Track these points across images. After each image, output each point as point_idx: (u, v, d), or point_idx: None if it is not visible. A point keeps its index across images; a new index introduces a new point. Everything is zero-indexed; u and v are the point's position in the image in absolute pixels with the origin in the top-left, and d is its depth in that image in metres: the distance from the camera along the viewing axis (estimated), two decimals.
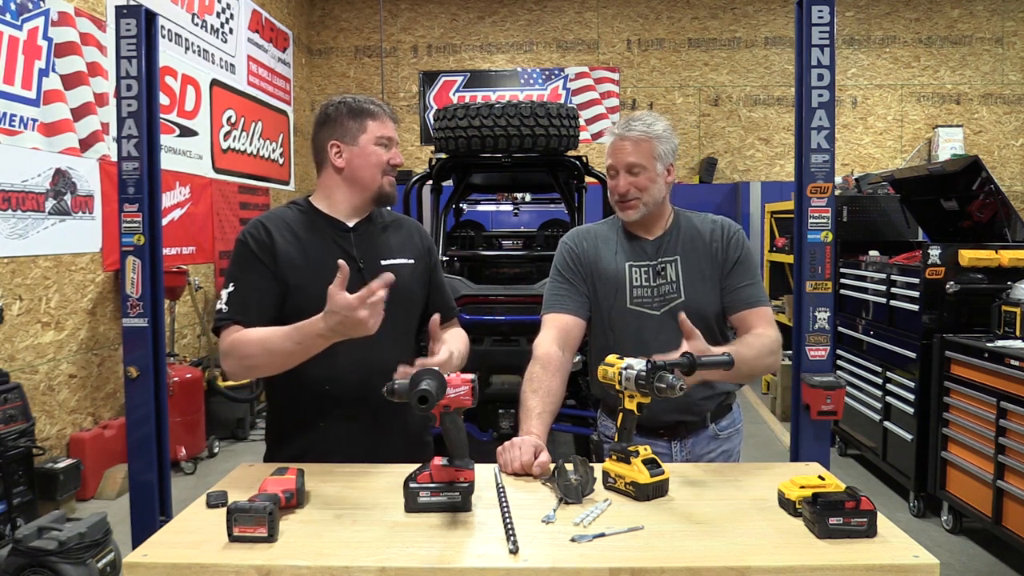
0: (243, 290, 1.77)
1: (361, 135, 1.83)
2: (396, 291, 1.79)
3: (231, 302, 1.76)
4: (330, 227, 1.85)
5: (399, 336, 1.84)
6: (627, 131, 1.86)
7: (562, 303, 1.94)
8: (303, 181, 8.64)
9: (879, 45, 8.75)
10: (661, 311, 1.88)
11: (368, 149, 1.83)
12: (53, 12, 4.29)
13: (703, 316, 1.87)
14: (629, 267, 1.91)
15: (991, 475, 3.30)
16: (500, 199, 6.18)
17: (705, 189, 8.53)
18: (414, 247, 1.93)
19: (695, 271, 1.90)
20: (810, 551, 1.24)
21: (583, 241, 1.99)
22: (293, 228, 1.83)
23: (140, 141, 2.87)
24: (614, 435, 1.93)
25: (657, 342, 1.82)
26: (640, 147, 1.84)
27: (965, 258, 3.75)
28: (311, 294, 1.76)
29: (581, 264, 1.96)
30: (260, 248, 1.79)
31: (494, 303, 3.55)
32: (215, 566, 1.21)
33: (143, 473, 2.90)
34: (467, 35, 8.99)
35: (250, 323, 1.73)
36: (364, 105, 1.85)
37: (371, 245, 1.86)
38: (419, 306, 1.93)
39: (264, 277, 1.77)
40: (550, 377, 1.81)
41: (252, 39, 7.18)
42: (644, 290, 1.89)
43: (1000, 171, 8.59)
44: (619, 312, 1.89)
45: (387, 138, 1.84)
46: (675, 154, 1.91)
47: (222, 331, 1.76)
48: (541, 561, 1.21)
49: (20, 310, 4.05)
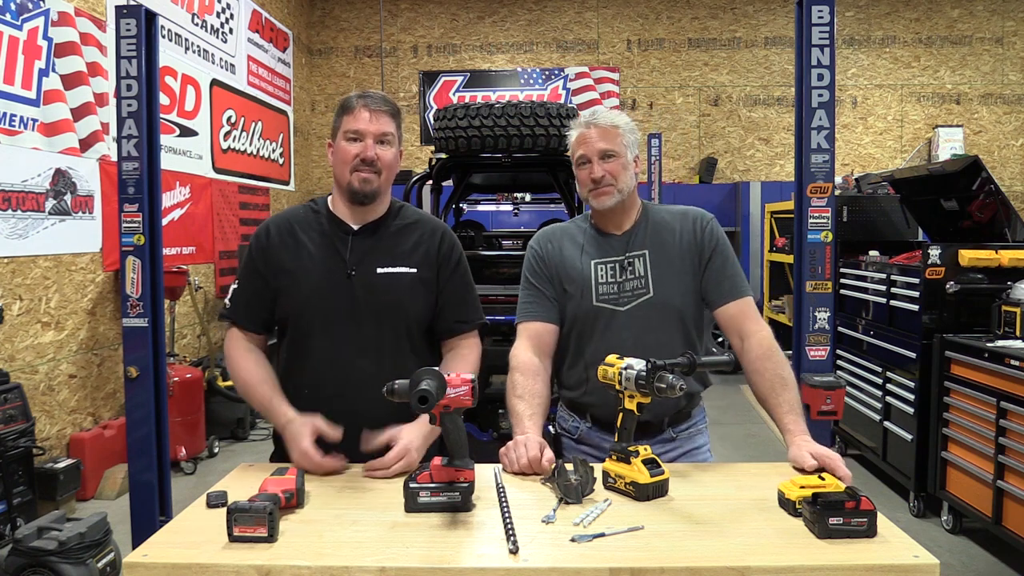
0: (242, 292, 1.87)
1: (338, 132, 1.80)
2: (386, 301, 1.79)
3: (233, 301, 1.87)
4: (335, 229, 1.83)
5: (389, 346, 1.79)
6: (595, 120, 1.86)
7: (532, 311, 1.93)
8: (303, 181, 8.64)
9: (879, 45, 8.75)
10: (627, 307, 1.86)
11: (339, 145, 1.79)
12: (53, 12, 4.28)
13: (672, 309, 1.86)
14: (594, 264, 1.89)
15: (991, 475, 3.30)
16: (500, 199, 6.18)
17: (705, 189, 8.53)
18: (423, 254, 1.84)
19: (665, 265, 1.87)
20: (810, 551, 1.24)
21: (547, 243, 1.97)
22: (296, 231, 1.83)
23: (140, 141, 2.88)
24: (574, 429, 1.95)
25: (623, 338, 1.81)
26: (610, 134, 1.84)
27: (965, 258, 3.75)
28: (292, 299, 1.80)
29: (547, 267, 1.94)
30: (258, 252, 1.84)
31: (494, 303, 3.55)
32: (215, 566, 1.21)
33: (143, 473, 2.90)
34: (467, 35, 8.99)
35: (244, 326, 1.86)
36: (347, 100, 1.80)
37: (371, 251, 1.81)
38: (419, 316, 1.85)
39: (257, 283, 1.84)
40: (532, 382, 1.81)
41: (252, 39, 7.18)
42: (610, 286, 1.87)
43: (1000, 171, 8.59)
44: (585, 310, 1.88)
45: (355, 131, 1.76)
46: (637, 148, 1.90)
47: (227, 327, 1.89)
48: (541, 561, 1.21)
49: (20, 310, 4.05)
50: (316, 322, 1.78)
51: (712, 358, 1.58)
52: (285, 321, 1.83)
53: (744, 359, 1.82)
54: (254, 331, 1.86)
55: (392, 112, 1.81)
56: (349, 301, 1.77)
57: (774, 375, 1.75)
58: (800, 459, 1.57)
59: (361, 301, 1.78)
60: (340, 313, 1.77)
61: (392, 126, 1.80)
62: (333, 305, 1.77)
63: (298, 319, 1.80)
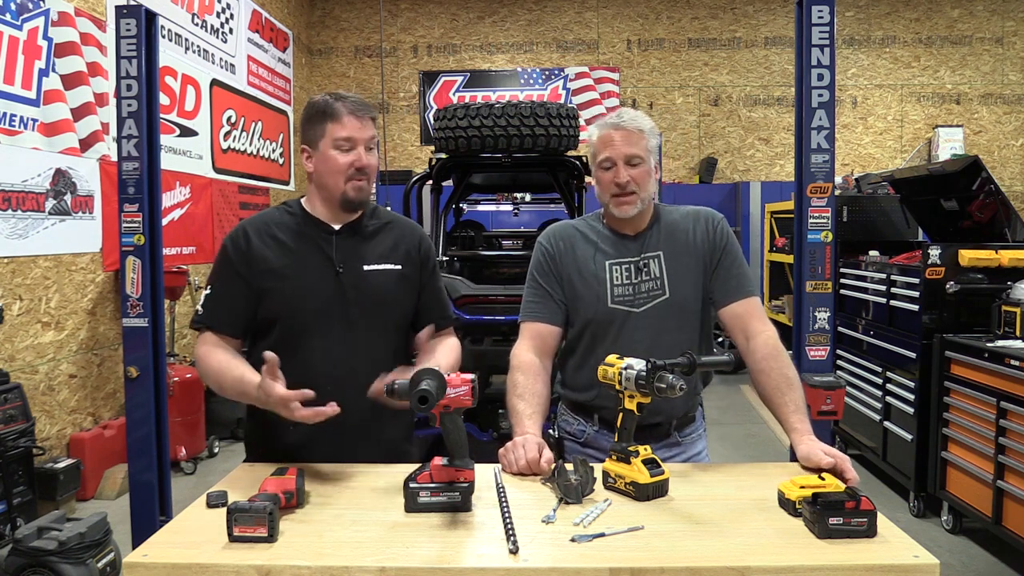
0: (217, 297, 1.81)
1: (321, 140, 1.75)
2: (375, 298, 1.80)
3: (206, 306, 1.82)
4: (315, 230, 1.82)
5: (376, 344, 1.80)
6: (622, 122, 1.81)
7: (537, 311, 1.92)
8: (303, 181, 8.58)
9: (879, 45, 8.75)
10: (643, 308, 1.85)
11: (327, 154, 1.74)
12: (53, 12, 4.29)
13: (687, 310, 1.86)
14: (610, 265, 1.88)
15: (991, 475, 3.30)
16: (500, 199, 6.18)
17: (705, 189, 8.53)
18: (404, 252, 1.87)
19: (679, 265, 1.87)
20: (810, 551, 1.24)
21: (559, 241, 1.94)
22: (276, 232, 1.81)
23: (140, 141, 2.88)
24: (580, 432, 1.95)
25: (637, 339, 1.81)
26: (636, 139, 1.81)
27: (965, 258, 3.75)
28: (283, 299, 1.78)
29: (556, 265, 1.91)
30: (237, 255, 1.79)
31: (494, 303, 3.55)
32: (215, 566, 1.21)
33: (143, 473, 2.90)
34: (467, 35, 8.99)
35: (221, 331, 1.79)
36: (326, 105, 1.75)
37: (355, 249, 1.82)
38: (404, 313, 1.88)
39: (237, 285, 1.79)
40: (532, 381, 1.81)
41: (252, 39, 7.18)
42: (625, 288, 1.86)
43: (1000, 171, 8.59)
44: (600, 312, 1.86)
45: (346, 139, 1.73)
46: (659, 153, 1.89)
47: (199, 333, 1.82)
48: (541, 561, 1.21)
49: (20, 310, 4.05)
50: (309, 320, 1.77)
51: (712, 358, 1.58)
52: (272, 321, 1.79)
53: (749, 358, 1.81)
54: (231, 335, 1.80)
55: (373, 115, 1.81)
56: (340, 299, 1.78)
57: (779, 375, 1.75)
58: (814, 456, 1.55)
59: (351, 299, 1.78)
60: (332, 311, 1.77)
61: (375, 129, 1.81)
62: (325, 303, 1.77)
63: (289, 319, 1.78)
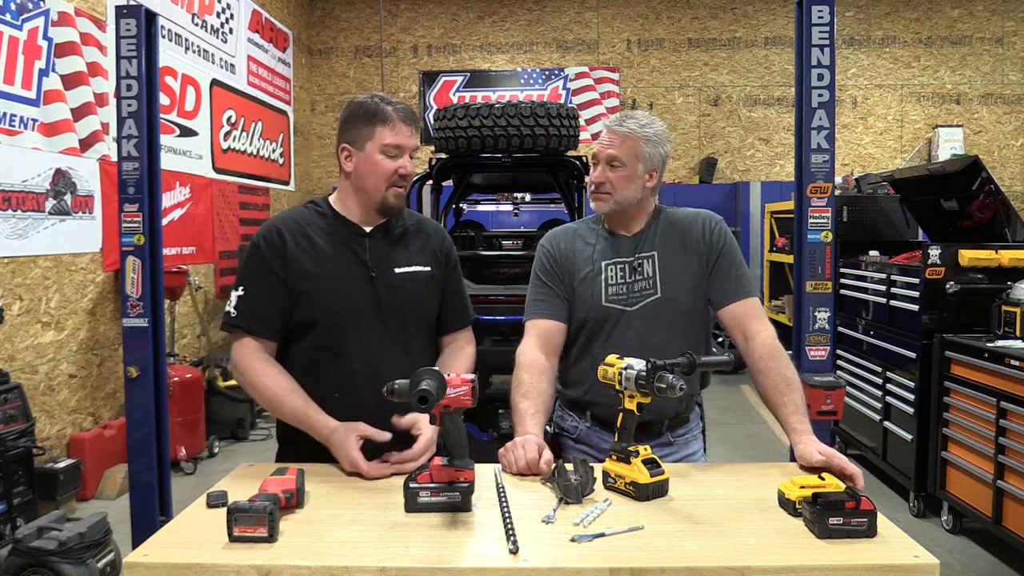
0: (252, 298, 1.78)
1: (368, 142, 1.76)
2: (410, 300, 1.83)
3: (240, 308, 1.78)
4: (347, 231, 1.83)
5: (412, 344, 1.84)
6: (618, 125, 1.86)
7: (542, 308, 1.94)
8: (303, 181, 8.64)
9: (879, 45, 8.75)
10: (635, 307, 1.87)
11: (374, 158, 1.76)
12: (53, 12, 4.28)
13: (679, 310, 1.87)
14: (605, 265, 1.91)
15: (991, 475, 3.30)
16: (500, 199, 6.18)
17: (705, 189, 8.53)
18: (432, 253, 1.90)
19: (673, 266, 1.89)
20: (810, 551, 1.24)
21: (560, 242, 1.98)
22: (308, 232, 1.81)
23: (140, 141, 2.87)
24: (573, 428, 1.96)
25: (629, 337, 1.83)
26: (625, 143, 1.84)
27: (965, 258, 3.75)
28: (320, 301, 1.78)
29: (558, 265, 1.95)
30: (272, 255, 1.78)
31: (494, 303, 3.55)
32: (215, 566, 1.21)
33: (143, 473, 2.90)
34: (467, 35, 8.99)
35: (258, 333, 1.78)
36: (376, 108, 1.76)
37: (387, 252, 1.84)
38: (431, 312, 1.91)
39: (273, 286, 1.77)
40: (537, 380, 1.82)
41: (252, 39, 7.18)
42: (619, 287, 1.89)
43: (1000, 171, 8.59)
44: (595, 310, 1.89)
45: (396, 146, 1.75)
46: (663, 161, 1.89)
47: (233, 336, 1.79)
48: (541, 561, 1.21)
49: (20, 310, 4.05)
50: (347, 323, 1.78)
51: (712, 358, 1.58)
52: (309, 325, 1.79)
53: (749, 359, 1.83)
54: (269, 337, 1.79)
55: (419, 125, 1.84)
56: (374, 302, 1.79)
57: (779, 375, 1.76)
58: (808, 455, 1.57)
59: (384, 302, 1.80)
60: (368, 314, 1.79)
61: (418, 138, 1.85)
62: (361, 307, 1.78)
63: (327, 322, 1.78)
